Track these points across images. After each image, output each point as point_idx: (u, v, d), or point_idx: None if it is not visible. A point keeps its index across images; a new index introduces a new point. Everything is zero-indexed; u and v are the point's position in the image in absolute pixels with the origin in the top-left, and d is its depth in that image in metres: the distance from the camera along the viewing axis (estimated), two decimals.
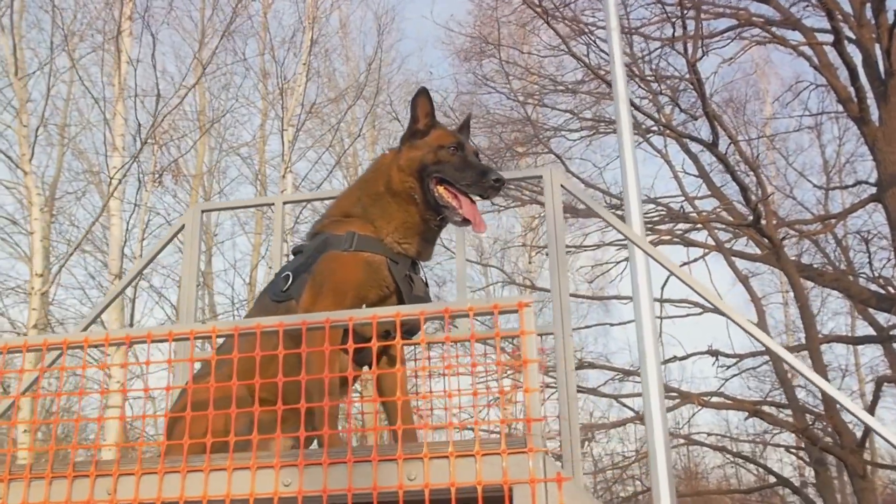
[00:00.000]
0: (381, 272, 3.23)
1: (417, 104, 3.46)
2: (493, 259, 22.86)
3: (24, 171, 11.59)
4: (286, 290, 3.35)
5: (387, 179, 3.37)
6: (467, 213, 3.26)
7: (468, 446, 2.55)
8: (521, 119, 16.22)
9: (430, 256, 3.46)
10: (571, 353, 4.39)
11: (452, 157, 3.34)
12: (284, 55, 15.33)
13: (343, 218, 3.38)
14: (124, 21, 13.92)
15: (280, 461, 2.62)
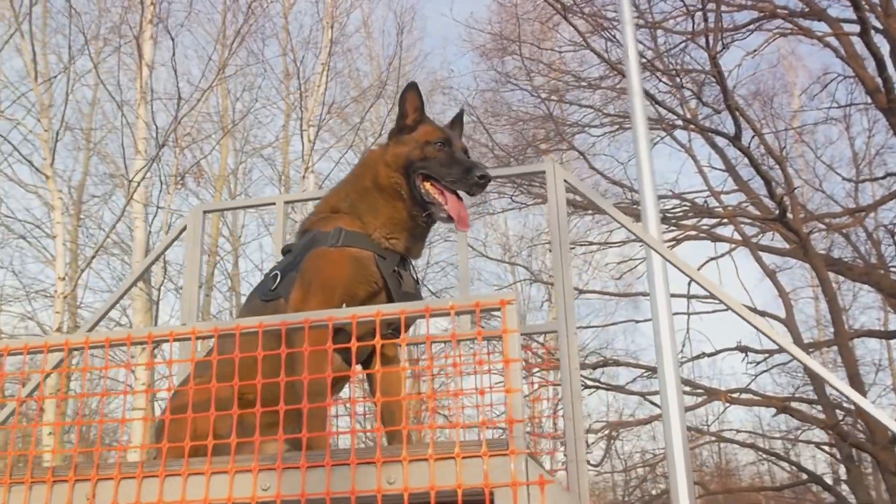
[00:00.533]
0: (368, 268, 3.17)
1: (406, 99, 3.41)
2: (520, 257, 22.76)
3: (46, 176, 11.67)
4: (274, 289, 3.31)
5: (374, 175, 3.33)
6: (452, 211, 3.20)
7: (448, 448, 2.49)
8: (543, 116, 16.09)
9: (419, 253, 3.41)
10: (576, 351, 4.30)
11: (439, 153, 3.29)
12: (302, 55, 15.32)
13: (331, 214, 3.33)
14: (145, 25, 13.97)
15: (258, 465, 2.57)
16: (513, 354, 2.52)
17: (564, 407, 4.23)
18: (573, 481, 4.11)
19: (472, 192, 3.28)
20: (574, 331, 4.33)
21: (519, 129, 16.72)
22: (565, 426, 4.21)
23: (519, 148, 16.83)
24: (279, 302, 3.26)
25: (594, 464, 15.23)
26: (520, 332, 4.80)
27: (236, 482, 2.57)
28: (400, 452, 2.49)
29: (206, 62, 13.60)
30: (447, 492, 2.45)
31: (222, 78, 16.43)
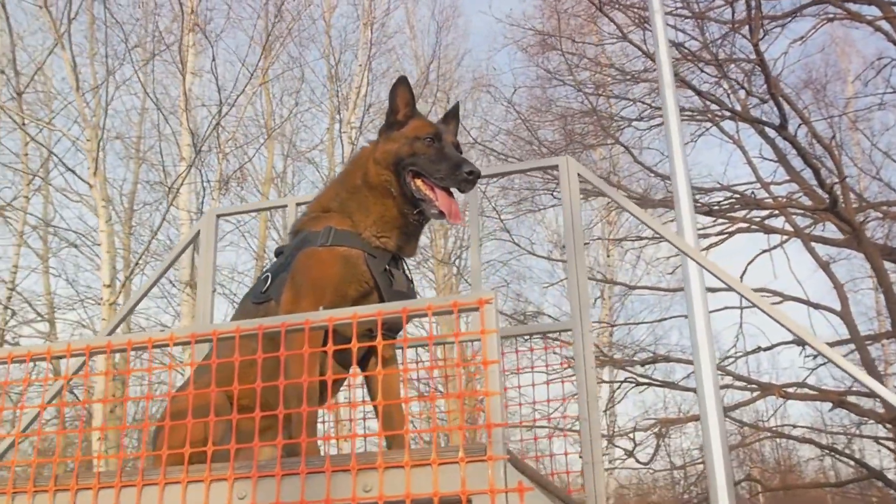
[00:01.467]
0: (358, 267, 3.10)
1: (397, 94, 3.34)
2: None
3: (90, 185, 11.83)
4: (265, 291, 3.26)
5: (364, 173, 3.26)
6: (443, 206, 3.13)
7: (425, 455, 2.40)
8: (586, 111, 15.89)
9: (413, 252, 3.33)
10: (591, 350, 4.18)
11: (428, 148, 3.22)
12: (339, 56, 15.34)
13: (321, 213, 3.27)
14: (186, 32, 14.11)
15: (234, 474, 2.51)
16: (491, 356, 2.43)
17: (580, 407, 4.11)
18: (589, 483, 4.00)
19: (462, 189, 3.20)
20: (589, 329, 4.21)
21: (562, 125, 16.52)
22: (581, 427, 4.09)
23: (564, 144, 16.63)
24: (270, 304, 3.21)
25: (644, 462, 14.97)
26: (531, 333, 4.69)
27: (212, 491, 2.51)
28: (375, 459, 2.41)
29: (241, 68, 13.56)
30: (424, 500, 2.37)
31: (265, 82, 16.55)
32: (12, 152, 12.17)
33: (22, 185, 12.75)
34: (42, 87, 14.53)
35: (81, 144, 12.11)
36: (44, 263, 16.51)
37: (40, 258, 16.54)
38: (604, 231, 22.42)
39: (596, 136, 16.66)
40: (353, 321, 2.56)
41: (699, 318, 6.83)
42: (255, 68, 13.29)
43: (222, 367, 3.15)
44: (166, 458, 2.73)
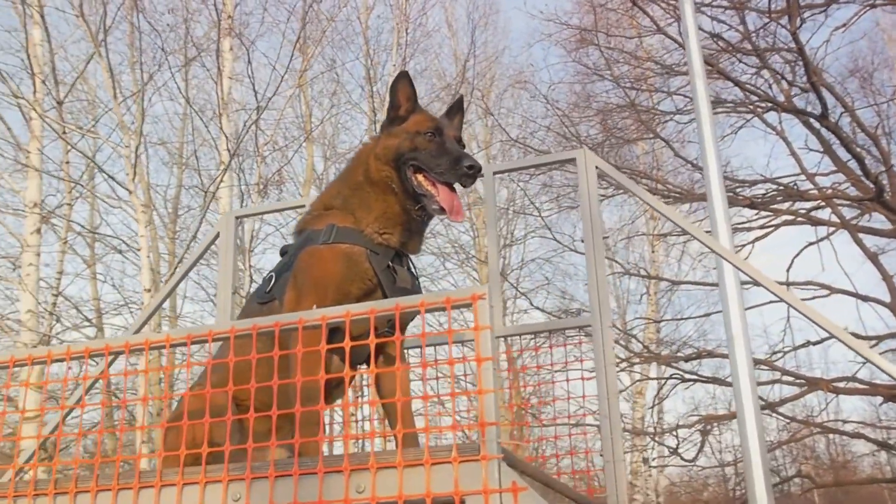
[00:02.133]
0: (361, 264, 3.06)
1: (398, 89, 3.30)
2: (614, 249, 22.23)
3: (129, 191, 11.96)
4: (269, 291, 3.23)
5: (365, 169, 3.23)
6: (444, 201, 3.08)
7: (418, 455, 2.35)
8: (625, 105, 15.71)
9: (417, 248, 3.28)
10: (611, 346, 4.09)
11: (429, 143, 3.18)
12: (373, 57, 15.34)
13: (324, 211, 3.24)
14: (222, 37, 14.21)
15: (228, 475, 2.48)
16: (485, 353, 2.37)
17: (600, 404, 4.03)
18: (609, 482, 3.91)
19: (463, 184, 3.14)
20: (609, 325, 4.13)
21: (601, 120, 16.35)
22: (601, 424, 4.00)
23: (604, 139, 16.48)
24: (274, 304, 3.18)
25: (688, 459, 14.75)
26: (550, 329, 4.61)
27: (207, 493, 2.49)
28: (368, 460, 2.37)
29: (273, 71, 13.62)
30: (417, 500, 2.32)
31: (301, 84, 16.62)
32: (53, 161, 12.32)
33: (65, 192, 12.91)
34: (85, 94, 14.74)
35: (121, 151, 12.25)
36: (91, 269, 16.78)
37: (86, 264, 16.81)
38: (648, 226, 22.19)
39: (636, 131, 16.46)
40: (346, 319, 2.52)
41: (734, 313, 6.71)
42: (287, 70, 13.30)
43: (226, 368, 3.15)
44: (172, 459, 2.73)
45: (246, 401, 2.97)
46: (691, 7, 7.32)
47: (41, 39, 12.54)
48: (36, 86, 12.53)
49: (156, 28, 13.61)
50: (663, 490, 22.02)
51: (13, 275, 13.45)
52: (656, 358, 15.48)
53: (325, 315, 2.55)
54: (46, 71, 12.64)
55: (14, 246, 14.00)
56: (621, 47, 16.76)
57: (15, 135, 12.87)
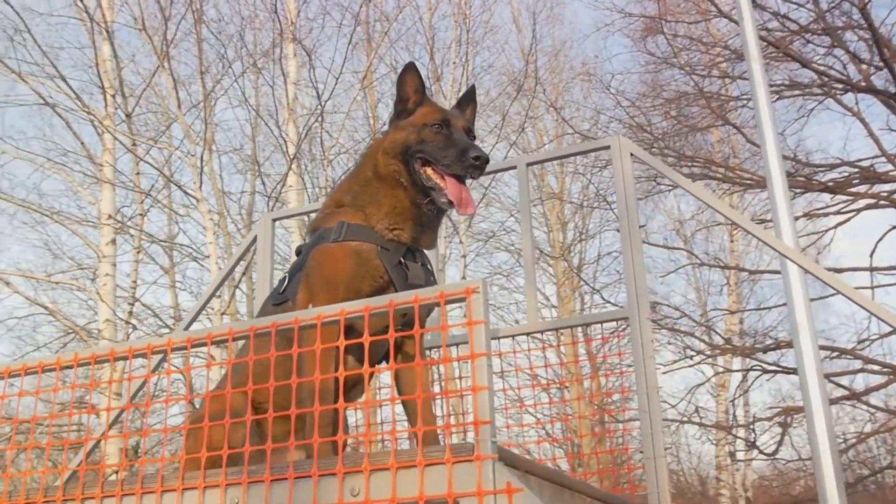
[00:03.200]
0: (371, 262, 2.99)
1: (405, 81, 3.22)
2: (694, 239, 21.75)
3: (196, 199, 12.15)
4: (283, 291, 3.19)
5: (374, 164, 3.16)
6: (452, 194, 2.98)
7: (411, 456, 2.27)
8: (694, 93, 15.33)
9: (430, 243, 3.19)
10: (649, 339, 3.95)
11: (436, 135, 3.09)
12: (432, 54, 15.29)
13: (335, 209, 3.18)
14: (286, 44, 14.35)
15: (226, 479, 2.44)
16: (479, 348, 2.28)
17: (639, 400, 3.90)
18: (651, 479, 3.79)
19: (470, 175, 3.04)
20: (647, 317, 3.99)
21: (669, 109, 16.00)
22: (641, 420, 3.87)
23: (675, 129, 16.12)
24: (287, 305, 3.14)
25: (768, 452, 14.30)
26: (586, 322, 4.48)
27: (206, 497, 2.46)
28: (361, 462, 2.30)
29: (325, 75, 13.70)
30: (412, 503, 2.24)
31: (364, 87, 16.69)
32: (122, 173, 12.60)
33: (136, 202, 13.19)
34: (156, 105, 15.03)
35: (187, 160, 12.46)
36: (169, 276, 17.12)
37: (164, 271, 17.15)
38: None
39: (706, 119, 16.06)
40: (341, 317, 2.45)
41: (798, 302, 6.46)
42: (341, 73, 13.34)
43: (243, 370, 3.12)
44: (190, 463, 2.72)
45: (264, 403, 2.93)
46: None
47: (110, 55, 12.83)
48: (107, 100, 12.84)
49: (219, 38, 13.81)
50: (751, 484, 21.46)
51: (92, 285, 13.79)
52: (733, 350, 15.08)
53: (322, 314, 2.49)
54: (116, 85, 12.91)
55: (91, 257, 14.36)
56: (689, 34, 16.39)
57: (88, 148, 13.19)
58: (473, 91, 3.41)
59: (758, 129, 6.92)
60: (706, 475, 24.74)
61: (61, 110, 12.77)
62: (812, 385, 6.22)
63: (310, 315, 2.57)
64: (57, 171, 13.32)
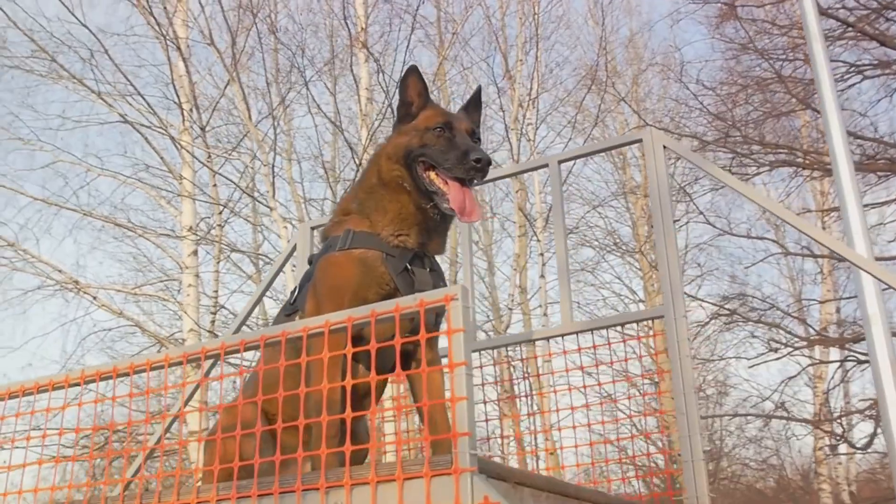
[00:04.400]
0: (376, 269, 2.95)
1: (408, 85, 3.18)
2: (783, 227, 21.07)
3: (271, 208, 12.32)
4: (293, 302, 3.19)
5: (378, 170, 3.13)
6: (454, 202, 2.92)
7: (391, 470, 2.22)
8: (773, 78, 14.85)
9: (439, 248, 3.15)
10: (685, 337, 3.81)
11: (438, 139, 3.04)
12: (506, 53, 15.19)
13: (342, 217, 3.16)
14: (357, 50, 14.44)
15: (216, 495, 2.43)
16: (458, 357, 2.22)
17: (676, 400, 3.76)
18: (689, 481, 3.65)
19: (472, 178, 2.97)
20: (683, 314, 3.85)
21: (748, 95, 15.54)
22: (678, 422, 3.73)
23: (754, 115, 15.65)
24: (298, 315, 3.13)
25: (859, 447, 13.75)
26: (621, 322, 4.35)
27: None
28: (342, 476, 2.26)
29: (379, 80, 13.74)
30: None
31: (441, 85, 16.71)
32: (197, 186, 12.86)
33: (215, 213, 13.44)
34: (233, 117, 15.30)
35: (260, 170, 12.66)
36: (255, 284, 17.43)
37: (252, 281, 17.46)
38: (817, 202, 20.97)
39: (788, 104, 15.54)
40: (348, 324, 2.42)
41: (869, 292, 6.18)
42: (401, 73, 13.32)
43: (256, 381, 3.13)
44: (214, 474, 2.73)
45: (276, 415, 2.92)
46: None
47: (184, 71, 13.11)
48: (183, 115, 13.14)
49: (289, 48, 13.99)
50: (853, 479, 20.71)
51: (176, 296, 14.12)
52: (821, 341, 14.56)
53: (308, 326, 2.46)
54: (192, 100, 13.20)
55: (170, 269, 14.73)
56: (770, 19, 15.88)
57: (168, 163, 13.51)
58: (479, 93, 3.36)
59: (822, 112, 6.65)
60: (808, 469, 23.94)
61: (140, 126, 13.11)
62: (886, 377, 5.94)
63: (317, 322, 2.54)
64: (139, 186, 13.68)
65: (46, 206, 13.01)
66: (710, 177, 17.27)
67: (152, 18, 12.71)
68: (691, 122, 17.38)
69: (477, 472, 2.13)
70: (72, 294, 12.99)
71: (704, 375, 22.42)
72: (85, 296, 12.88)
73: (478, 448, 2.22)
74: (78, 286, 12.91)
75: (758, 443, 22.17)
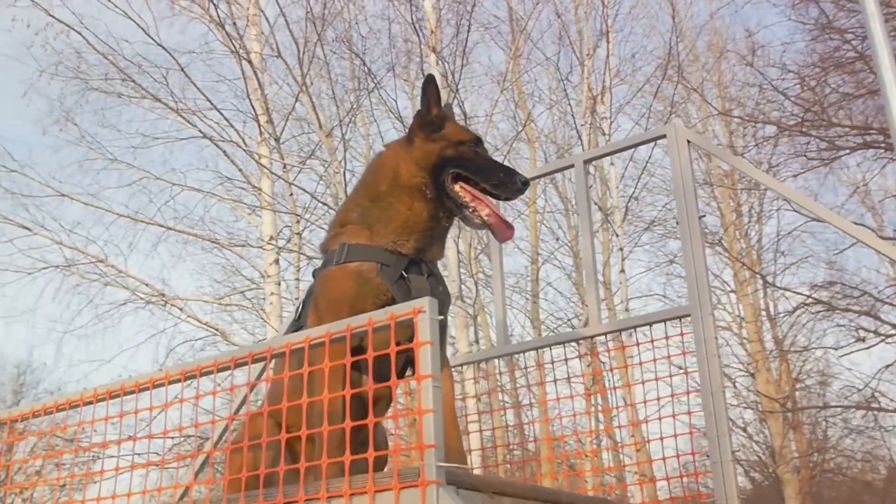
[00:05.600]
0: (372, 281, 2.98)
1: (428, 93, 3.20)
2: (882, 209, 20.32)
3: None
4: (298, 318, 3.24)
5: (393, 175, 3.13)
6: (492, 218, 3.03)
7: (363, 482, 2.25)
8: (855, 58, 14.32)
9: (438, 254, 3.19)
10: (712, 335, 3.73)
11: (475, 154, 3.12)
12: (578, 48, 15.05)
13: (339, 229, 3.19)
14: (426, 52, 14.51)
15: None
16: (425, 370, 2.23)
17: (704, 400, 3.69)
18: (717, 484, 3.58)
19: (513, 198, 3.15)
20: (710, 311, 3.77)
21: (827, 76, 15.01)
22: (706, 422, 3.66)
23: (837, 97, 15.11)
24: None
25: None
26: (648, 322, 4.28)
27: None
28: (318, 489, 2.30)
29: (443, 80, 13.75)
30: None
31: (516, 80, 16.72)
32: (269, 196, 13.10)
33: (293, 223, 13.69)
34: (308, 126, 15.55)
35: (333, 178, 12.85)
36: None
37: None
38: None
39: (874, 83, 14.93)
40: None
41: None
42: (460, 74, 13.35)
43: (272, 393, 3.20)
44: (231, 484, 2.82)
45: (291, 427, 2.98)
46: None
47: (258, 84, 13.39)
48: (260, 127, 13.43)
49: (360, 55, 14.15)
50: None
51: (259, 305, 14.45)
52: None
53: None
54: (266, 112, 13.48)
55: (249, 278, 15.05)
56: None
57: (247, 175, 13.83)
58: (450, 108, 3.37)
59: (882, 93, 6.38)
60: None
61: (217, 141, 13.47)
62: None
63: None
64: (220, 199, 14.05)
65: (132, 222, 13.51)
66: (794, 160, 16.92)
67: (224, 33, 13.04)
68: (772, 107, 16.92)
69: (444, 483, 2.14)
70: (159, 306, 13.42)
71: (801, 366, 21.83)
72: (172, 307, 13.30)
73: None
74: (164, 298, 13.35)
75: (862, 433, 21.43)
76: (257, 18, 13.78)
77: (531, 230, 18.22)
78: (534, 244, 18.04)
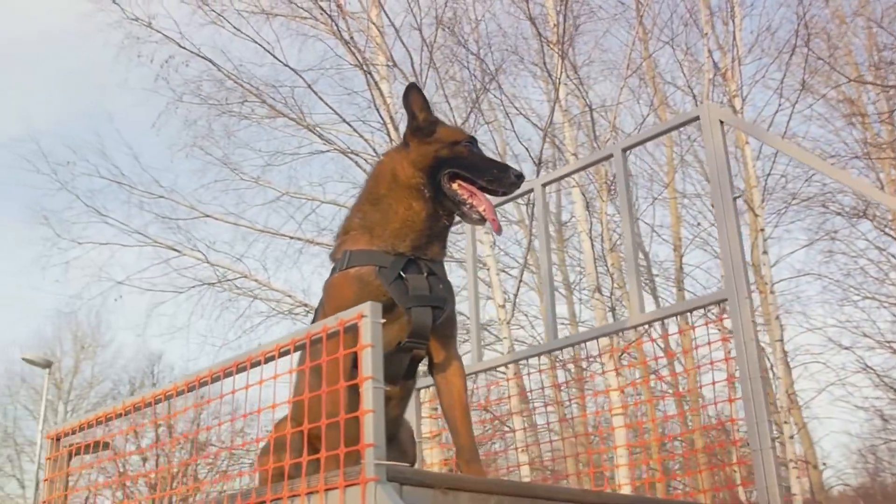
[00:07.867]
0: (371, 284, 3.08)
1: (411, 100, 3.32)
2: None
3: None
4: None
5: (391, 178, 3.24)
6: (488, 213, 3.14)
7: (316, 482, 2.36)
8: None
9: (438, 253, 3.25)
10: (749, 320, 3.62)
11: (470, 153, 3.24)
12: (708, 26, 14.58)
13: (344, 237, 3.32)
14: (549, 50, 14.47)
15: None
16: (367, 371, 2.32)
17: (742, 387, 3.59)
18: (758, 473, 3.48)
19: (509, 192, 3.29)
20: (746, 296, 3.66)
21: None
22: (745, 409, 3.56)
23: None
24: None
25: None
26: (683, 310, 4.17)
27: None
28: (281, 490, 2.42)
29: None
30: None
31: (650, 69, 16.43)
32: None
33: None
34: None
35: None
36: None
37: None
38: None
39: None
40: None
41: None
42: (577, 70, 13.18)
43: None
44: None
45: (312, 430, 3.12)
46: None
47: (382, 94, 13.71)
48: (390, 135, 13.76)
49: (479, 56, 14.26)
50: None
51: None
52: None
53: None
54: (392, 120, 13.80)
55: None
56: None
57: None
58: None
59: None
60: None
61: (349, 153, 13.92)
62: None
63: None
64: None
65: (271, 236, 14.15)
66: None
67: (347, 48, 13.42)
68: None
69: (383, 481, 2.22)
70: (302, 316, 13.96)
71: None
72: None
73: None
74: (307, 308, 13.86)
75: None
76: (377, 30, 14.11)
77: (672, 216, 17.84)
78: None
